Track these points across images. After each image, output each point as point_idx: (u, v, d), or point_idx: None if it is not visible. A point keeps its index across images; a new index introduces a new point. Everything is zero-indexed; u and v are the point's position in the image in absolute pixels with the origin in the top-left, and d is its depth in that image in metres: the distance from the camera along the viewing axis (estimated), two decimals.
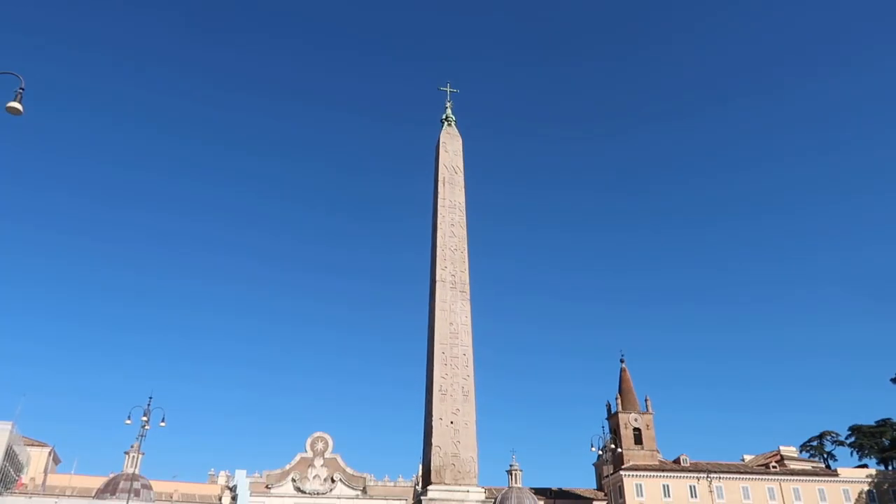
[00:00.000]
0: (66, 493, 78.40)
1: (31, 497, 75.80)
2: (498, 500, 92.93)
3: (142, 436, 47.83)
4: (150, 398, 48.15)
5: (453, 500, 34.62)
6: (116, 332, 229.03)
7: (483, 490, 36.28)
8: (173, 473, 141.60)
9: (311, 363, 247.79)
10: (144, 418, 47.50)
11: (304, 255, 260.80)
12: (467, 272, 40.73)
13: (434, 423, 36.20)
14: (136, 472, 79.30)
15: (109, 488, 78.83)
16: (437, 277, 39.80)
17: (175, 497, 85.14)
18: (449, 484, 35.13)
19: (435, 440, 35.87)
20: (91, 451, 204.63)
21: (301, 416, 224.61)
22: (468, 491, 35.18)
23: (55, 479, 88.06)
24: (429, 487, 35.08)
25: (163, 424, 48.71)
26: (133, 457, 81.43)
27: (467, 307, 39.58)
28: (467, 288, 40.11)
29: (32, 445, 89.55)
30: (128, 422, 47.67)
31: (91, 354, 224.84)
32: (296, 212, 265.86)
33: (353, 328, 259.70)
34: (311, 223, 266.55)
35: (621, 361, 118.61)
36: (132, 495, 71.29)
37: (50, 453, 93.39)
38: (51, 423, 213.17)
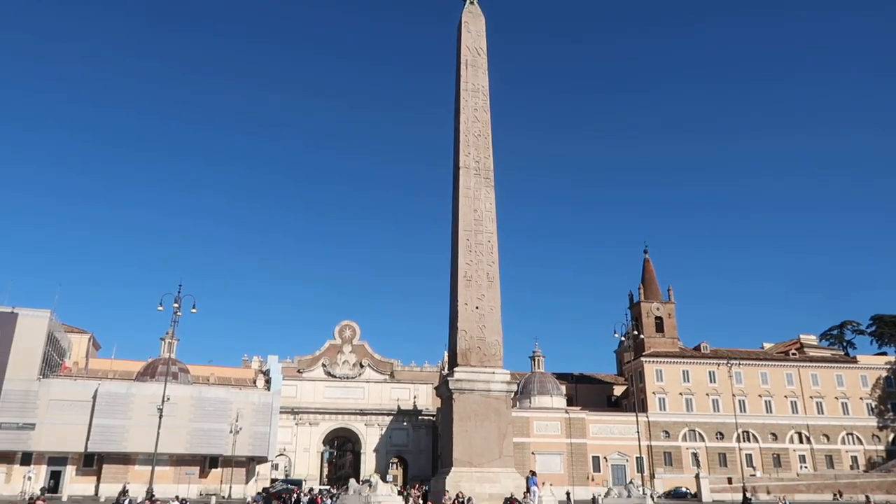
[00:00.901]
0: (109, 376, 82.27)
1: (76, 380, 79.65)
2: (521, 384, 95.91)
3: (175, 322, 49.02)
4: (180, 285, 49.06)
5: (479, 381, 35.55)
6: (151, 219, 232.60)
7: (508, 372, 37.10)
8: (209, 358, 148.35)
9: (339, 254, 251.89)
10: (176, 305, 48.54)
11: (328, 145, 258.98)
12: (491, 158, 39.82)
13: (459, 309, 36.61)
14: (173, 356, 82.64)
15: (148, 371, 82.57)
16: (461, 164, 39.00)
17: (211, 380, 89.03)
18: (475, 366, 35.96)
19: (460, 324, 36.41)
20: (128, 337, 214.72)
21: (329, 306, 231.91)
22: (493, 372, 36.04)
23: (97, 364, 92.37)
24: (455, 370, 35.96)
25: (194, 311, 49.90)
26: (168, 343, 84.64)
27: (491, 194, 38.98)
28: (491, 174, 39.35)
29: (72, 332, 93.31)
30: (160, 308, 48.82)
31: (126, 243, 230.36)
32: (319, 104, 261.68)
33: (378, 217, 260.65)
34: (335, 113, 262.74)
35: (645, 252, 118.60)
36: (170, 378, 74.64)
37: (90, 339, 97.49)
38: (89, 311, 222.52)
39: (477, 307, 36.77)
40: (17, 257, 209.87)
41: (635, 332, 71.72)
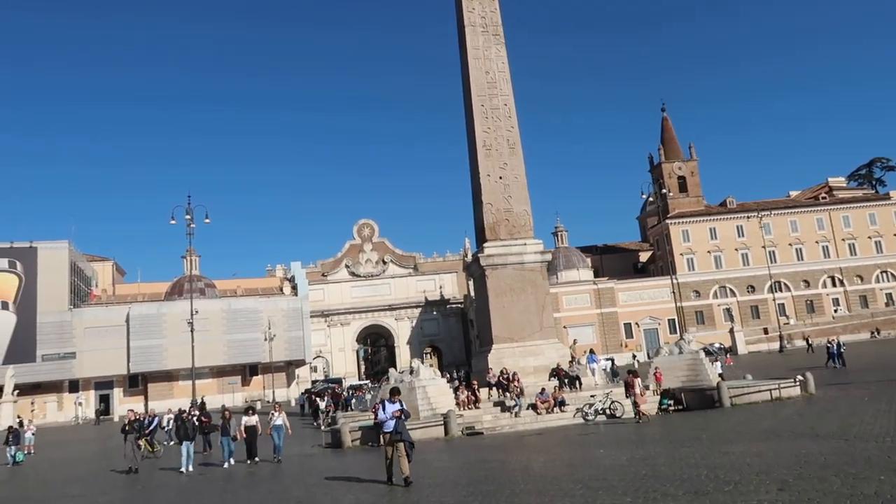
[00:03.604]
0: (138, 300, 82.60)
1: (107, 306, 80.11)
2: None
3: (190, 235, 47.51)
4: (189, 197, 47.24)
5: (511, 255, 33.79)
6: (158, 139, 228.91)
7: (540, 242, 35.19)
8: (233, 272, 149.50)
9: (349, 152, 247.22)
10: (188, 217, 46.90)
11: (322, 28, 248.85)
12: (498, 10, 36.06)
13: (482, 181, 34.33)
14: (197, 272, 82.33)
15: (176, 290, 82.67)
16: (466, 21, 35.39)
17: (238, 292, 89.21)
18: (504, 239, 34.10)
19: (485, 197, 34.25)
20: (151, 260, 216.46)
21: (345, 208, 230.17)
22: (525, 244, 34.19)
23: (124, 289, 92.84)
24: (484, 245, 34.14)
25: (207, 221, 48.30)
26: (191, 260, 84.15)
27: (503, 52, 35.60)
28: (500, 30, 35.77)
29: (94, 261, 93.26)
30: (172, 222, 47.30)
31: (135, 169, 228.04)
32: None
33: (379, 103, 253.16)
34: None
35: (662, 110, 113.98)
36: (197, 294, 74.52)
37: (113, 266, 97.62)
38: (107, 240, 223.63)
39: (501, 177, 34.43)
40: (26, 195, 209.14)
41: (663, 191, 69.24)
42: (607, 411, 27.96)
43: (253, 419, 23.12)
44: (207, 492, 18.03)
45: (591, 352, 37.31)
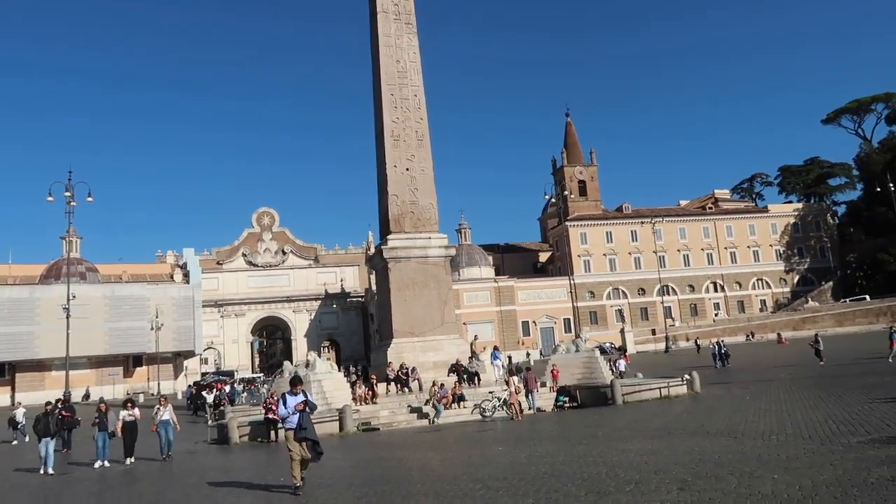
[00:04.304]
0: (8, 283, 75.90)
1: None
2: None
3: (70, 213, 43.88)
4: (70, 172, 43.60)
5: (415, 248, 33.14)
6: (39, 115, 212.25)
7: (445, 237, 34.79)
8: (119, 257, 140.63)
9: (247, 139, 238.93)
10: (68, 194, 43.33)
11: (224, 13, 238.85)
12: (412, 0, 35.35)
13: (389, 172, 33.48)
14: (77, 255, 76.67)
15: (52, 273, 76.53)
16: (378, 7, 34.37)
17: (125, 278, 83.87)
18: (409, 232, 33.40)
19: (391, 189, 33.43)
20: (25, 241, 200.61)
21: (244, 196, 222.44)
22: (430, 237, 33.64)
23: None
24: (388, 237, 33.32)
25: (90, 199, 44.90)
26: (71, 241, 78.29)
27: (415, 41, 34.86)
28: (413, 18, 35.00)
29: None
30: (50, 199, 43.55)
31: (18, 146, 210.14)
32: None
33: (284, 95, 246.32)
34: None
35: (566, 115, 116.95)
36: (77, 278, 69.35)
37: None
38: None
39: (407, 169, 33.71)
40: None
41: (566, 192, 70.89)
42: (505, 408, 27.90)
43: (133, 413, 21.00)
44: (68, 494, 16.31)
45: (496, 349, 37.54)
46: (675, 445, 15.62)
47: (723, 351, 46.70)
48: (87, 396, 64.62)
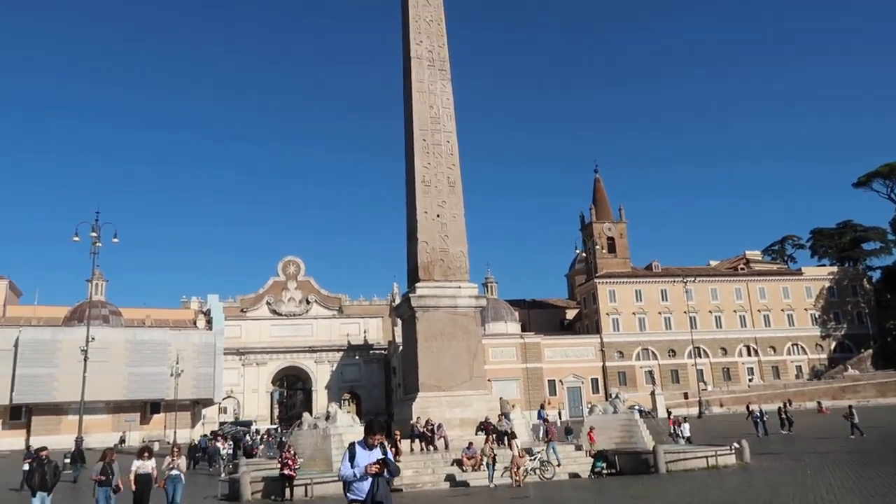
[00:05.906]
0: (32, 323, 75.80)
1: None
2: None
3: (94, 254, 43.50)
4: (98, 212, 43.48)
5: (444, 297, 31.78)
6: (69, 160, 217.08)
7: (475, 286, 33.42)
8: (143, 301, 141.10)
9: (278, 185, 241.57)
10: (94, 235, 43.00)
11: (258, 57, 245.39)
12: (446, 47, 34.97)
13: (419, 218, 32.46)
14: (102, 298, 76.53)
15: (76, 316, 76.29)
16: (412, 53, 34.09)
17: (147, 323, 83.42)
18: (438, 280, 32.11)
19: (421, 235, 32.34)
20: (53, 282, 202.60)
21: (271, 243, 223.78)
22: (459, 286, 32.29)
23: (18, 311, 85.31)
24: (417, 285, 32.04)
25: (115, 241, 44.47)
26: (96, 284, 78.32)
27: (448, 88, 34.38)
28: (447, 65, 34.61)
29: None
30: (76, 239, 43.23)
31: (41, 187, 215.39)
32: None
33: (317, 136, 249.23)
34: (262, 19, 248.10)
35: (595, 171, 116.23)
36: (100, 321, 68.98)
37: (7, 285, 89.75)
38: (4, 258, 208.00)
39: (438, 215, 32.69)
40: None
41: (595, 248, 69.34)
42: (537, 472, 25.97)
43: (148, 465, 18.34)
44: None
45: (542, 407, 35.49)
46: None
47: (763, 418, 44.08)
48: (122, 441, 63.40)
